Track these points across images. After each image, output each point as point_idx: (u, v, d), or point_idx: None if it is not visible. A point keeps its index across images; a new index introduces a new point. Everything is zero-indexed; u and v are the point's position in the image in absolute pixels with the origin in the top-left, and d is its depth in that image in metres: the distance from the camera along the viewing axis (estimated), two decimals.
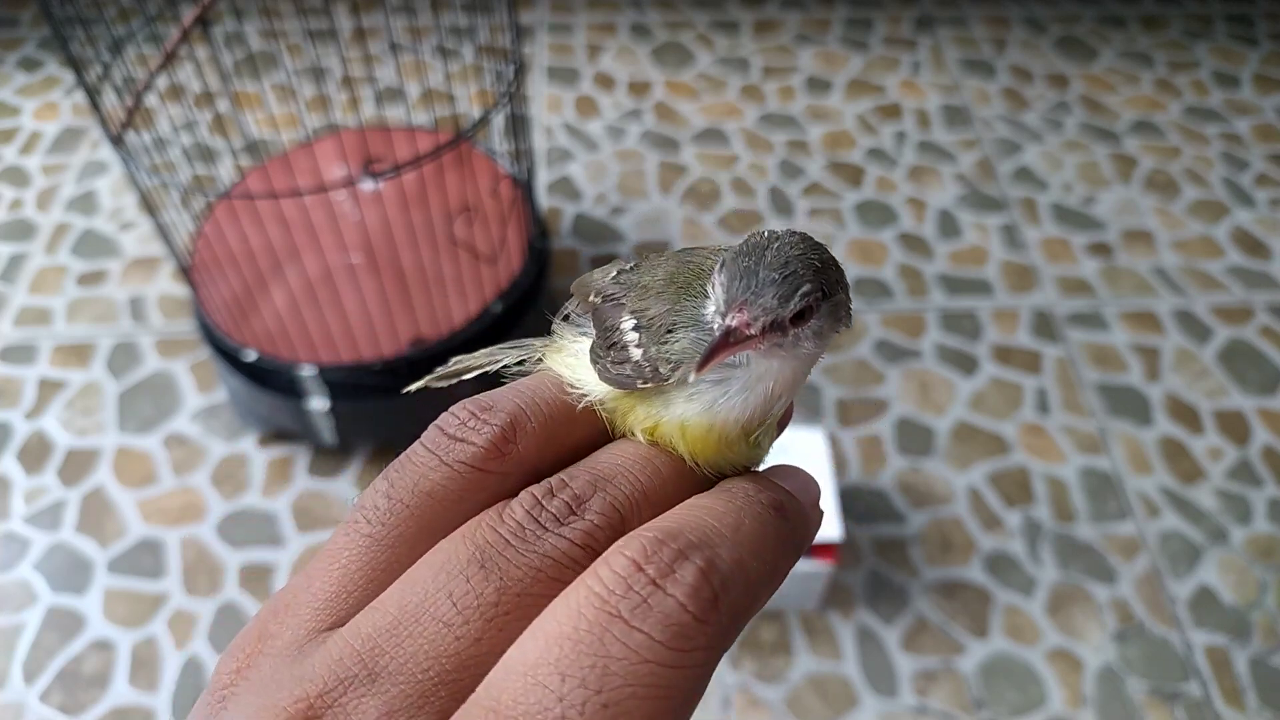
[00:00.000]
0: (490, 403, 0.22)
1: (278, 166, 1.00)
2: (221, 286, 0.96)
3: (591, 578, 0.18)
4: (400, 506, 0.20)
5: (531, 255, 1.00)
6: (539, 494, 0.20)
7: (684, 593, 0.17)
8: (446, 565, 0.19)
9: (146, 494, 1.00)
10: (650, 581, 0.17)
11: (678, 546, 0.18)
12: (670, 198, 1.32)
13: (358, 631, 0.18)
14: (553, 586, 0.19)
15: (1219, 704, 0.87)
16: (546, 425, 0.22)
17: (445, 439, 0.21)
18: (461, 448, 0.21)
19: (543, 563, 0.19)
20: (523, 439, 0.21)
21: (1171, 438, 1.06)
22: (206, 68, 1.22)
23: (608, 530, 0.20)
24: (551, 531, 0.19)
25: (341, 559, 0.20)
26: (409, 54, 1.40)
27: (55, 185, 1.33)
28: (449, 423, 0.21)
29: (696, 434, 0.22)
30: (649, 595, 0.17)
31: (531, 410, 0.22)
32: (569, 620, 0.17)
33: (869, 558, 0.96)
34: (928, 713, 0.87)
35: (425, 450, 0.21)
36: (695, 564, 0.18)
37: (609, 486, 0.21)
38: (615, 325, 0.23)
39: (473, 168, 1.03)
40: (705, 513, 0.20)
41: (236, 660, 0.19)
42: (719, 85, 1.50)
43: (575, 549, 0.19)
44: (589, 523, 0.20)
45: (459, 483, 0.20)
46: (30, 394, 1.09)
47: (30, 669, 0.89)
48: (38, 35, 1.56)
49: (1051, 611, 0.93)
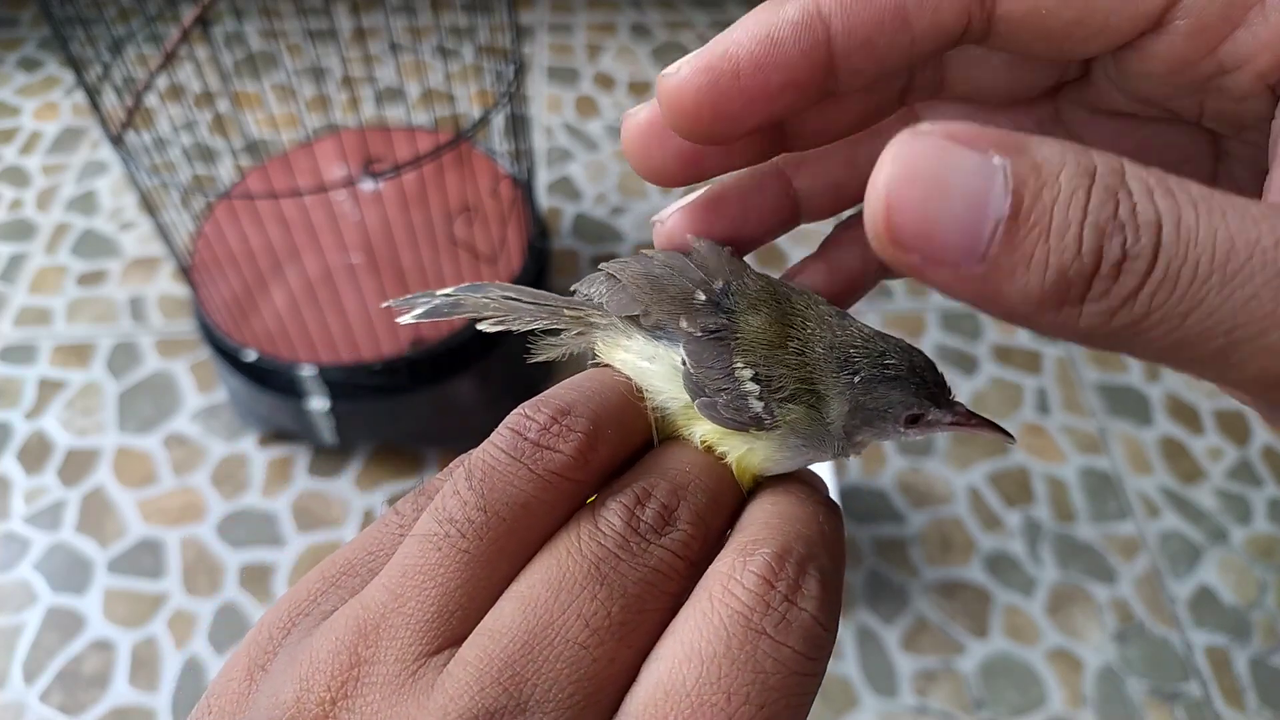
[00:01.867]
0: (566, 405, 0.21)
1: (278, 166, 1.00)
2: (221, 286, 0.96)
3: (725, 595, 0.18)
4: (497, 520, 0.19)
5: (531, 255, 1.00)
6: (629, 504, 0.20)
7: (814, 606, 0.18)
8: (565, 581, 0.18)
9: (146, 494, 1.00)
10: (785, 598, 0.18)
11: (795, 561, 0.19)
12: (670, 198, 1.32)
13: (488, 657, 0.18)
14: (663, 599, 0.19)
15: (1219, 704, 0.87)
16: (619, 430, 0.22)
17: (530, 445, 0.20)
18: (550, 456, 0.20)
19: (653, 576, 0.19)
20: (602, 445, 0.21)
21: (1171, 438, 1.06)
22: (206, 68, 1.22)
23: (699, 540, 0.20)
24: (654, 543, 0.19)
25: (438, 577, 0.19)
26: (409, 54, 1.40)
27: (55, 185, 1.33)
28: (527, 427, 0.20)
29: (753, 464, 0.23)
30: (786, 611, 0.18)
31: (606, 416, 0.21)
32: (718, 639, 0.17)
33: (869, 558, 0.96)
34: (928, 713, 0.87)
35: (509, 457, 0.20)
36: (814, 576, 0.19)
37: (687, 495, 0.21)
38: (729, 372, 0.23)
39: (473, 168, 1.03)
40: (795, 522, 0.20)
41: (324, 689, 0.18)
42: None
43: (677, 560, 0.19)
44: (684, 533, 0.20)
45: (550, 493, 0.20)
46: (30, 394, 1.09)
47: (30, 669, 0.89)
48: (38, 35, 1.56)
49: (1051, 611, 0.93)
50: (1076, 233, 0.15)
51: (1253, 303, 0.14)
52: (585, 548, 0.19)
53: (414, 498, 0.22)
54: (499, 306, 0.25)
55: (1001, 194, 0.15)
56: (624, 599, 0.18)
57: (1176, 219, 0.15)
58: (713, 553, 0.20)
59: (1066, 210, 0.15)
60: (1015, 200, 0.15)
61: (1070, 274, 0.15)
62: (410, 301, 0.26)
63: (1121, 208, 0.15)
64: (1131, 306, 0.15)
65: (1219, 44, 0.18)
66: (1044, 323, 0.16)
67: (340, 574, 0.21)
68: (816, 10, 0.19)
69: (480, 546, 0.19)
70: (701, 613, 0.18)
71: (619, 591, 0.18)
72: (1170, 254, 0.15)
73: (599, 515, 0.20)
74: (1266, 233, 0.14)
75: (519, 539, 0.19)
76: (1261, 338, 0.14)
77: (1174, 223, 0.15)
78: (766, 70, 0.20)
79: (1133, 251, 0.15)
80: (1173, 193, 0.15)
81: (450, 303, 0.26)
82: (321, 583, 0.21)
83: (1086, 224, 0.15)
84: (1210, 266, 0.14)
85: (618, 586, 0.18)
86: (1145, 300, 0.15)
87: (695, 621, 0.18)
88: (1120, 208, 0.15)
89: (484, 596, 0.19)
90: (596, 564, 0.19)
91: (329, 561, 0.21)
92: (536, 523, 0.20)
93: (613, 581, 0.19)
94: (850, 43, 0.20)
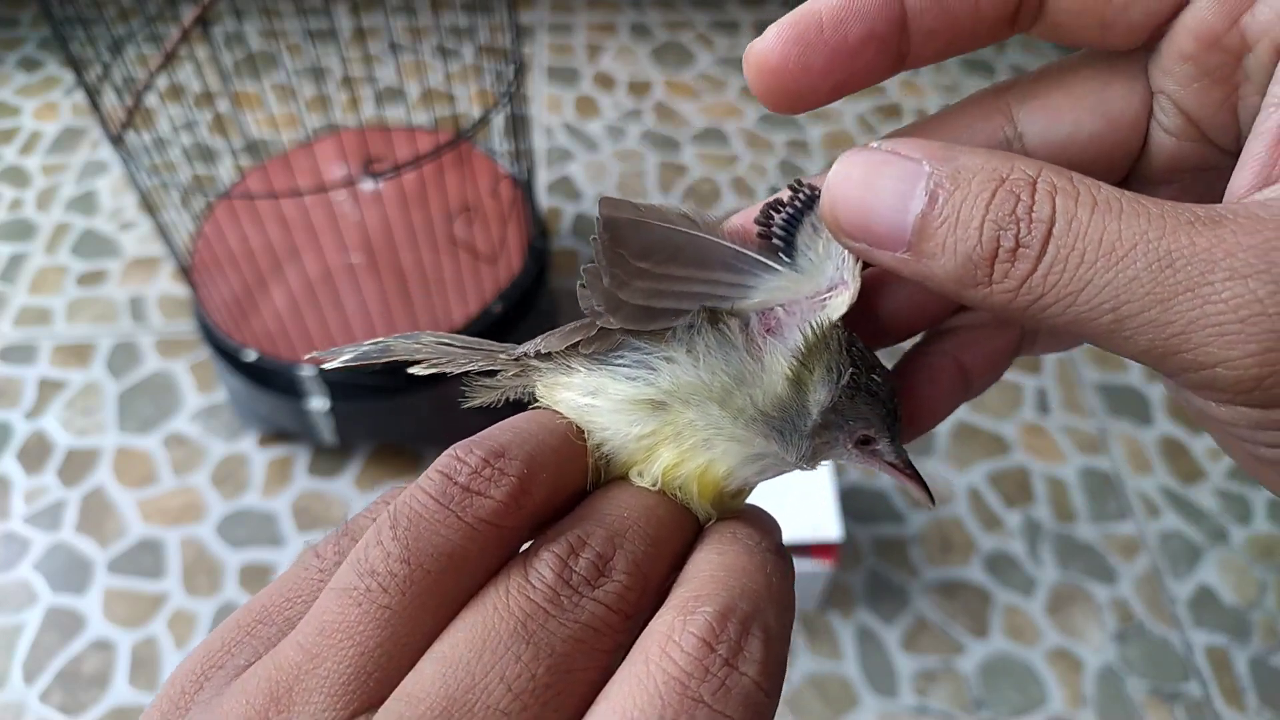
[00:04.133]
0: (499, 447, 0.20)
1: (278, 166, 1.00)
2: (221, 286, 0.96)
3: (662, 658, 0.17)
4: (421, 573, 0.18)
5: (531, 255, 1.00)
6: (561, 553, 0.19)
7: (756, 670, 0.17)
8: (489, 641, 0.17)
9: (146, 494, 1.00)
10: (725, 662, 0.17)
11: (738, 620, 0.18)
12: (670, 198, 1.32)
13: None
14: (596, 658, 0.18)
15: (1219, 704, 0.87)
16: (555, 474, 0.21)
17: (459, 490, 0.19)
18: (480, 502, 0.19)
19: (585, 633, 0.18)
20: (536, 490, 0.20)
21: (1171, 437, 1.06)
22: (206, 68, 1.22)
23: (636, 591, 0.19)
24: (586, 596, 0.18)
25: (356, 635, 0.18)
26: (409, 54, 1.40)
27: (55, 185, 1.33)
28: (457, 470, 0.19)
29: (715, 478, 0.22)
30: (726, 677, 0.17)
31: (541, 459, 0.20)
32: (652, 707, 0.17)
33: (869, 558, 0.96)
34: (928, 713, 0.87)
35: (436, 504, 0.19)
36: (758, 636, 0.18)
37: (625, 542, 0.20)
38: None
39: (473, 168, 1.03)
40: (741, 574, 0.19)
41: None
42: (719, 85, 1.50)
43: (611, 615, 0.18)
44: (619, 584, 0.19)
45: (480, 543, 0.19)
46: (30, 394, 1.09)
47: (30, 669, 0.89)
48: (38, 35, 1.56)
49: (1051, 611, 0.93)
50: (978, 225, 0.18)
51: (1133, 284, 0.17)
52: (513, 603, 0.18)
53: (336, 539, 0.21)
54: (432, 351, 0.25)
55: (922, 194, 0.19)
56: (551, 659, 0.17)
57: (1070, 216, 0.18)
58: (655, 604, 0.19)
59: (971, 207, 0.18)
60: (930, 199, 0.19)
61: (974, 258, 0.18)
62: (336, 352, 0.25)
63: (1020, 206, 0.18)
64: (1030, 284, 0.18)
65: (1241, 13, 0.19)
66: (969, 298, 0.19)
67: (256, 622, 0.20)
68: None
69: (402, 602, 0.18)
70: (636, 677, 0.17)
71: (546, 651, 0.17)
72: (1060, 243, 0.18)
73: (530, 566, 0.19)
74: (1154, 227, 0.17)
75: (445, 592, 0.18)
76: (1144, 313, 0.17)
77: (1067, 219, 0.18)
78: (847, 22, 0.21)
79: (1025, 241, 0.18)
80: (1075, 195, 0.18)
81: (379, 349, 0.25)
82: (237, 631, 0.20)
83: (987, 219, 0.18)
84: (1096, 254, 0.17)
85: (545, 645, 0.17)
86: (1040, 280, 0.18)
87: (629, 687, 0.17)
88: (1019, 206, 0.18)
89: (405, 656, 0.18)
90: (524, 621, 0.18)
91: (245, 608, 0.20)
92: (465, 574, 0.19)
93: (540, 640, 0.17)
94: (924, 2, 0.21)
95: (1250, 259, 0.16)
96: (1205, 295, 0.16)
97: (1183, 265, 0.17)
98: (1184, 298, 0.17)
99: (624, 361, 0.23)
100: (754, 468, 0.23)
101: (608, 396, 0.23)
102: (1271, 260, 0.16)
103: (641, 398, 0.23)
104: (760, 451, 0.23)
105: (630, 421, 0.22)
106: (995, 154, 0.19)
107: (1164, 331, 0.17)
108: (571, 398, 0.23)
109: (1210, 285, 0.16)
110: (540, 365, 0.24)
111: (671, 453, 0.22)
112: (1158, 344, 0.17)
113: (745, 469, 0.23)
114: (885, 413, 0.24)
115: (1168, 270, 0.17)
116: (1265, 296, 0.16)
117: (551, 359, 0.24)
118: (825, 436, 0.23)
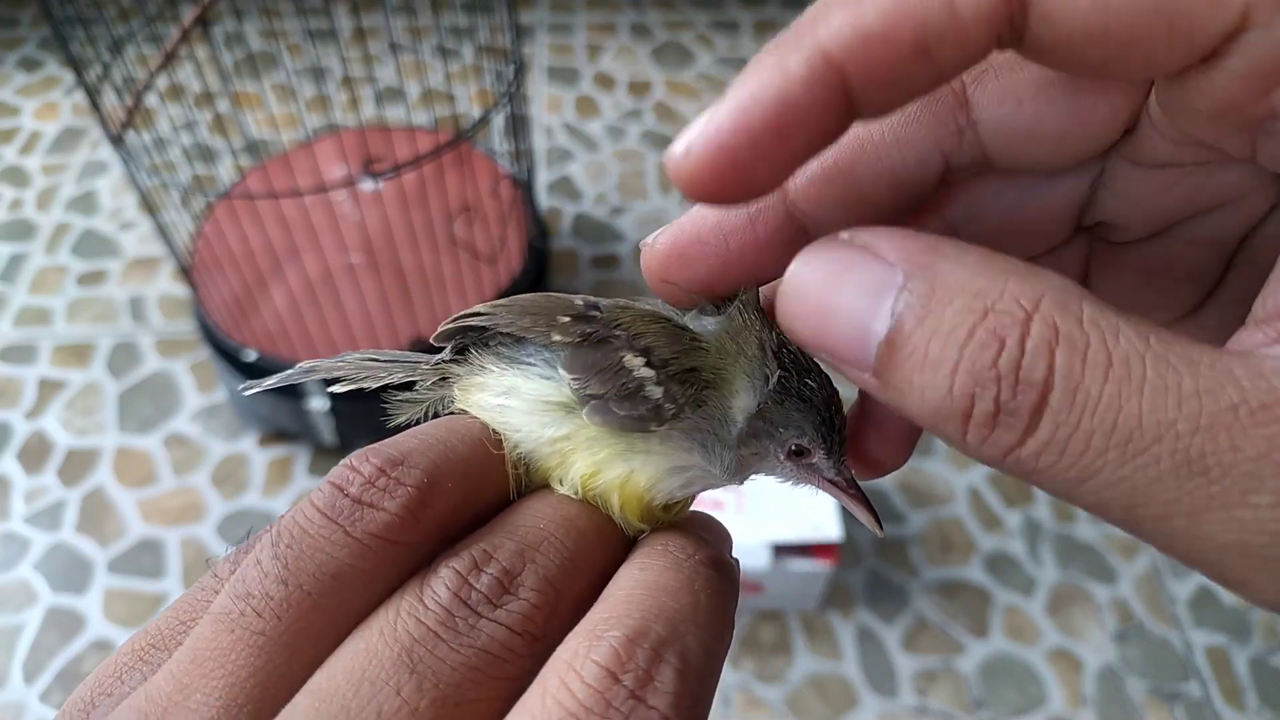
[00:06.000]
0: (399, 455, 0.18)
1: (278, 166, 1.00)
2: (221, 286, 0.96)
3: (560, 690, 0.15)
4: (300, 595, 0.16)
5: (531, 255, 1.00)
6: (462, 569, 0.17)
7: (666, 703, 0.15)
8: (369, 672, 0.16)
9: (146, 494, 1.00)
10: (630, 695, 0.15)
11: (650, 646, 0.16)
12: (670, 198, 1.32)
13: None
14: (495, 687, 0.16)
15: (1219, 704, 0.87)
16: (463, 483, 0.19)
17: (349, 503, 0.17)
18: (371, 515, 0.17)
19: (480, 659, 0.16)
20: (439, 501, 0.18)
21: None
22: (206, 68, 1.22)
23: (545, 610, 0.17)
24: (485, 618, 0.16)
25: (228, 664, 0.16)
26: (409, 54, 1.40)
27: (55, 185, 1.33)
28: (349, 480, 0.18)
29: (637, 491, 0.20)
30: (631, 711, 0.15)
31: (447, 466, 0.19)
32: None
33: (869, 558, 0.96)
34: (928, 712, 0.87)
35: (323, 518, 0.17)
36: (672, 665, 0.16)
37: (537, 556, 0.18)
38: (617, 368, 0.21)
39: (473, 168, 1.03)
40: (661, 593, 0.17)
41: None
42: (719, 85, 1.50)
43: (514, 638, 0.17)
44: (524, 603, 0.17)
45: (369, 560, 0.17)
46: (30, 394, 1.09)
47: (30, 669, 0.89)
48: (38, 35, 1.56)
49: (1051, 611, 0.93)
50: (949, 372, 0.14)
51: (1154, 487, 0.13)
52: (400, 627, 0.16)
53: (235, 556, 0.19)
54: (352, 368, 0.24)
55: (887, 315, 0.15)
56: (437, 691, 0.16)
57: (1074, 384, 0.13)
58: (571, 626, 0.17)
59: (943, 345, 0.14)
60: (898, 324, 0.14)
61: (942, 411, 0.14)
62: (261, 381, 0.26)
63: (1004, 357, 0.13)
64: (1018, 457, 0.14)
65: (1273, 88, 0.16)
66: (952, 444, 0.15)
67: (149, 647, 0.18)
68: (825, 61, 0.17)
69: (278, 628, 0.16)
70: (530, 711, 0.15)
71: (432, 682, 0.16)
72: (1059, 419, 0.13)
73: (425, 585, 0.17)
74: (1185, 416, 0.13)
75: (328, 616, 0.17)
76: (1164, 521, 0.13)
77: (1069, 388, 0.13)
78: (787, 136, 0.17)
79: (1007, 407, 0.13)
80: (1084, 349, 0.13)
81: (304, 370, 0.25)
82: (130, 657, 0.18)
83: (960, 366, 0.14)
84: (1106, 442, 0.13)
85: (431, 675, 0.16)
86: (1030, 457, 0.14)
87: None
88: (1002, 356, 0.13)
89: (281, 686, 0.16)
90: (409, 647, 0.16)
91: (141, 632, 0.19)
92: (353, 595, 0.17)
93: (425, 669, 0.16)
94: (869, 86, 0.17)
95: None
96: (1245, 522, 0.13)
97: (1219, 477, 0.13)
98: (1217, 518, 0.13)
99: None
100: (677, 480, 0.21)
101: (520, 396, 0.21)
102: None
103: (553, 399, 0.21)
104: (682, 464, 0.21)
105: (543, 424, 0.21)
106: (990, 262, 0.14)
107: (1189, 545, 0.14)
108: (485, 399, 0.22)
109: (1254, 510, 0.13)
110: (457, 370, 0.23)
111: (585, 461, 0.21)
112: (1183, 553, 0.14)
113: (668, 482, 0.21)
114: (819, 420, 0.21)
115: (1199, 480, 0.13)
116: None
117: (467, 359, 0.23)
118: (754, 447, 0.21)
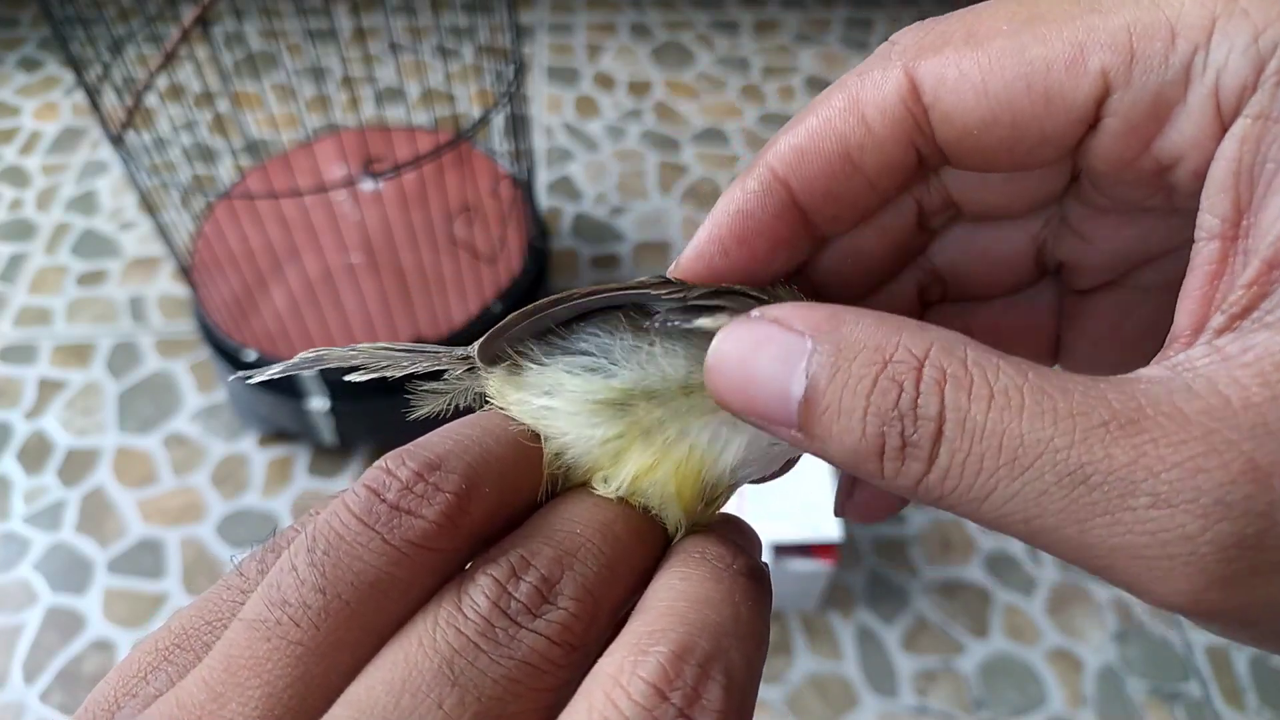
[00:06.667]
0: (435, 458, 0.18)
1: (278, 166, 1.00)
2: (221, 286, 0.96)
3: (607, 706, 0.15)
4: (339, 604, 0.16)
5: (531, 255, 1.00)
6: (500, 577, 0.17)
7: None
8: (410, 683, 0.16)
9: (146, 494, 1.00)
10: (679, 712, 0.15)
11: (697, 662, 0.16)
12: (670, 198, 1.32)
13: None
14: (536, 698, 0.16)
15: (1219, 704, 0.87)
16: (499, 486, 0.18)
17: (386, 509, 0.17)
18: (410, 523, 0.17)
19: (520, 671, 0.16)
20: (477, 506, 0.18)
21: None
22: (206, 68, 1.22)
23: (584, 620, 0.17)
24: (525, 628, 0.16)
25: (264, 674, 0.16)
26: (409, 54, 1.40)
27: (55, 185, 1.33)
28: (386, 485, 0.17)
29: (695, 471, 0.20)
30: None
31: (484, 470, 0.18)
32: None
33: (869, 558, 0.96)
34: (928, 713, 0.87)
35: (360, 524, 0.17)
36: (718, 681, 0.16)
37: (575, 563, 0.18)
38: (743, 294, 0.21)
39: (473, 168, 1.03)
40: (704, 606, 0.17)
41: None
42: (719, 85, 1.50)
43: (554, 648, 0.16)
44: (564, 613, 0.17)
45: (407, 568, 0.17)
46: (30, 394, 1.09)
47: (30, 669, 0.89)
48: (38, 35, 1.56)
49: (1051, 611, 0.93)
50: (860, 417, 0.16)
51: (1044, 498, 0.15)
52: (440, 637, 0.16)
53: (262, 555, 0.19)
54: (369, 357, 0.23)
55: (802, 377, 0.17)
56: (479, 704, 0.15)
57: (962, 415, 0.15)
58: (608, 633, 0.17)
59: (852, 396, 0.16)
60: (812, 383, 0.17)
61: (860, 452, 0.16)
62: (263, 369, 0.24)
63: (903, 398, 0.16)
64: (927, 484, 0.16)
65: (1150, 142, 0.18)
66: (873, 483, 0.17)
67: (174, 646, 0.18)
68: (773, 175, 0.20)
69: (316, 637, 0.16)
70: None
71: (474, 695, 0.16)
72: (954, 446, 0.15)
73: (463, 593, 0.17)
74: (1060, 433, 0.15)
75: (366, 625, 0.16)
76: (1059, 531, 0.15)
77: (959, 418, 0.15)
78: (748, 242, 0.21)
79: (911, 440, 0.16)
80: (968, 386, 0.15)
81: (312, 359, 0.23)
82: (153, 656, 0.18)
83: (869, 412, 0.16)
84: (996, 461, 0.15)
85: (472, 688, 0.16)
86: (936, 483, 0.16)
87: None
88: (902, 398, 0.16)
89: (320, 696, 0.16)
90: (450, 659, 0.16)
91: (164, 629, 0.19)
92: (390, 604, 0.17)
93: (467, 681, 0.16)
94: (813, 197, 0.20)
95: (1174, 481, 0.14)
96: (1127, 524, 0.14)
97: (1098, 484, 0.14)
98: (1102, 522, 0.14)
99: (588, 345, 0.21)
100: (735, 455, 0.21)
101: (565, 396, 0.20)
102: (1199, 486, 0.14)
103: (602, 397, 0.20)
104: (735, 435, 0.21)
105: (593, 424, 0.20)
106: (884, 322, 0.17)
107: (1085, 552, 0.15)
108: (525, 398, 0.21)
109: (1132, 512, 0.14)
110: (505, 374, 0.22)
111: (645, 453, 0.20)
112: (1082, 560, 0.15)
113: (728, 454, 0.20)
114: None
115: (1081, 488, 0.14)
116: (1195, 533, 0.14)
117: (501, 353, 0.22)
118: None
